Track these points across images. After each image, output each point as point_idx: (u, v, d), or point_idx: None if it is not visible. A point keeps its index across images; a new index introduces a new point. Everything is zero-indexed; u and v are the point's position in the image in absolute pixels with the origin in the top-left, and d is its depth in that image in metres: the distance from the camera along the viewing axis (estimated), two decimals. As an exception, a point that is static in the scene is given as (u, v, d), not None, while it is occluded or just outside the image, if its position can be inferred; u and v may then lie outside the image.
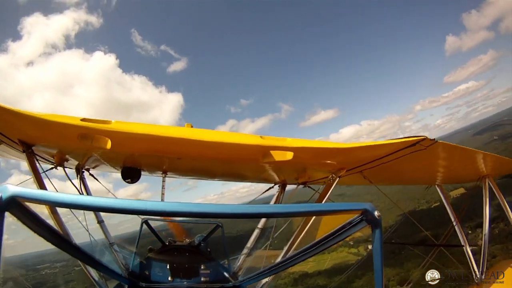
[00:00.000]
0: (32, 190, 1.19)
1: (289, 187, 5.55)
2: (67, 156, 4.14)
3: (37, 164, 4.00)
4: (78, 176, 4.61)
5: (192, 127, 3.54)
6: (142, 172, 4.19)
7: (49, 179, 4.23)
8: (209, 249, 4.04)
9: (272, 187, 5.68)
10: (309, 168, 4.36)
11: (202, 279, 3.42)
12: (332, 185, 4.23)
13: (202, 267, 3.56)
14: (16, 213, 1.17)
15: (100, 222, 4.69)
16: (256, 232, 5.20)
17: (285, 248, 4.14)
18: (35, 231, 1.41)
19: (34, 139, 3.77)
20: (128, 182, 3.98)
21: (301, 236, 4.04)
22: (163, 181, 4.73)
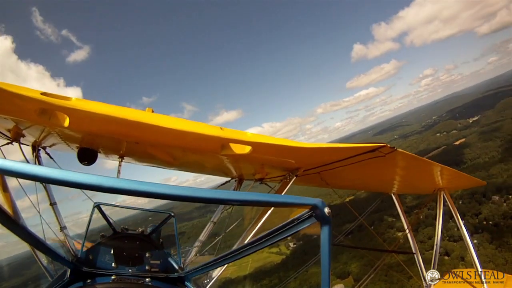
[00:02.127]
0: None
1: (246, 182, 5.60)
2: (23, 131, 4.03)
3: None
4: (34, 154, 4.49)
5: (153, 111, 3.54)
6: (99, 155, 4.15)
7: (3, 154, 4.12)
8: (161, 240, 4.06)
9: (229, 181, 5.71)
10: (267, 164, 4.44)
11: (147, 267, 3.42)
12: (288, 183, 4.33)
13: (150, 257, 3.57)
14: None
15: (53, 204, 4.58)
16: (209, 225, 5.23)
17: (237, 242, 4.22)
18: None
19: (-9, 109, 3.65)
20: (84, 165, 3.93)
21: (254, 231, 4.13)
22: (119, 165, 4.69)
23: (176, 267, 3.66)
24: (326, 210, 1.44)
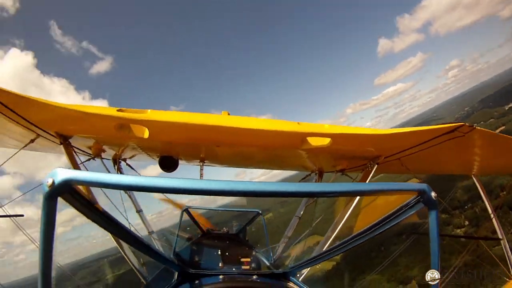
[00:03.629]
0: (85, 172, 1.14)
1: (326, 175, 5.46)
2: (104, 147, 4.22)
3: (75, 156, 4.10)
4: (116, 166, 4.72)
5: (229, 114, 3.55)
6: (180, 161, 4.25)
7: (87, 170, 4.34)
8: (247, 238, 4.08)
9: (309, 175, 5.63)
10: (347, 155, 4.30)
11: (253, 265, 3.42)
12: (370, 172, 4.17)
13: (246, 255, 3.58)
14: (68, 198, 1.13)
15: (139, 211, 4.79)
16: (294, 220, 5.18)
17: (327, 235, 4.10)
18: (87, 216, 1.39)
19: (71, 131, 3.87)
20: (165, 171, 4.03)
21: (341, 223, 4.00)
22: (201, 169, 4.79)
23: (271, 263, 3.65)
24: (433, 194, 1.41)
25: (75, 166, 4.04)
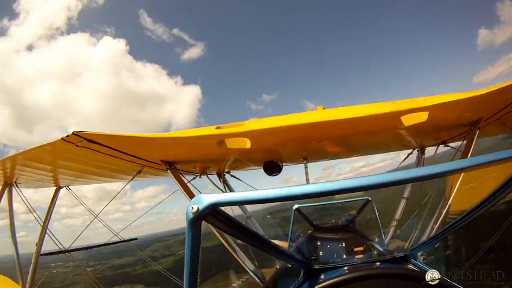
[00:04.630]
0: (225, 194, 1.26)
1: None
2: (208, 164, 4.56)
3: (182, 177, 4.46)
4: (221, 180, 5.07)
5: (324, 108, 3.65)
6: (284, 163, 4.44)
7: (195, 188, 4.74)
8: (355, 227, 4.13)
9: (411, 152, 5.55)
10: (446, 125, 4.16)
11: (371, 252, 3.47)
12: (473, 139, 3.98)
13: (362, 244, 3.64)
14: (212, 220, 1.23)
15: (249, 217, 5.08)
16: (403, 202, 5.15)
17: (438, 213, 4.00)
18: (229, 233, 1.55)
19: (176, 156, 4.20)
20: (273, 175, 4.24)
21: (451, 199, 3.89)
22: (306, 167, 4.93)
23: (383, 249, 3.66)
24: None
25: (185, 188, 4.34)
